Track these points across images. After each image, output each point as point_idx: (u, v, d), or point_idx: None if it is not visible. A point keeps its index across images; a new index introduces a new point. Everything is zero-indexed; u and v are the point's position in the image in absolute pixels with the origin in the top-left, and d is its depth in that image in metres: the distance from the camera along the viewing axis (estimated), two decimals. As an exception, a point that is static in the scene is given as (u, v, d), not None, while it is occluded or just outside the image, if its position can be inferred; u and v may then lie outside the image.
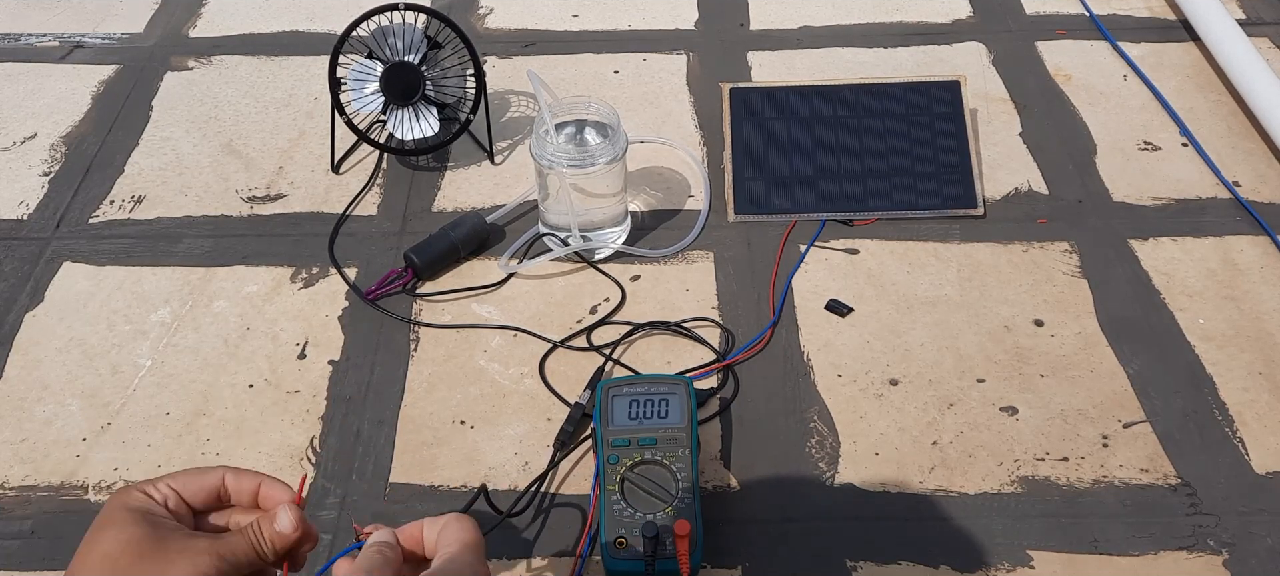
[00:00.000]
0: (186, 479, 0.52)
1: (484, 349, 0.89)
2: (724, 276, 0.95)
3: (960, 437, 0.81)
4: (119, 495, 0.50)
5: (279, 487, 0.53)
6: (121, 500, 0.50)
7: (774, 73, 1.21)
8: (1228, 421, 0.82)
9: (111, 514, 0.49)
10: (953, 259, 0.96)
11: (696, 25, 1.31)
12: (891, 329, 0.90)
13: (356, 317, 0.92)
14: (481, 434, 0.82)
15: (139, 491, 0.51)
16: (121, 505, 0.49)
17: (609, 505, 0.71)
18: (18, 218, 1.03)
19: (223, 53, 1.27)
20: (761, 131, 1.05)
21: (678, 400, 0.76)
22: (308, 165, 1.09)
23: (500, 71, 1.23)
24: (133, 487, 0.51)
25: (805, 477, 0.78)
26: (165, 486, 0.51)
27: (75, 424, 0.83)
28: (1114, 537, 0.74)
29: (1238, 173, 1.06)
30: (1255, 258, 0.96)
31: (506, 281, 0.95)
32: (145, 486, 0.51)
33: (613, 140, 0.91)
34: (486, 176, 1.07)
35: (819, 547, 0.74)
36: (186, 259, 0.98)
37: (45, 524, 0.76)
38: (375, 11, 1.01)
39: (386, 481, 0.79)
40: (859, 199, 1.01)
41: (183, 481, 0.52)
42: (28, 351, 0.89)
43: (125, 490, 0.51)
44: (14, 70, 1.24)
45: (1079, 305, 0.92)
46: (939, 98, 1.06)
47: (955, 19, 1.31)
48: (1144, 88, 1.18)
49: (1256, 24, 1.29)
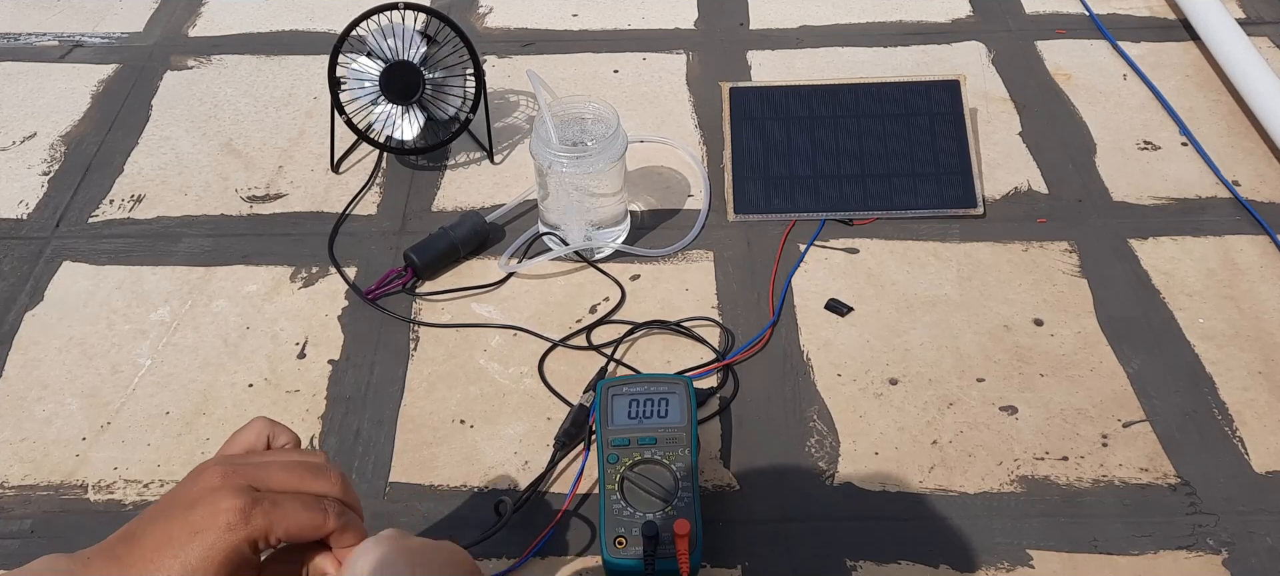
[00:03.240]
0: (301, 521, 0.50)
1: (484, 348, 0.89)
2: (724, 276, 0.95)
3: (960, 437, 0.81)
4: (222, 510, 0.48)
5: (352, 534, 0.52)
6: (224, 519, 0.48)
7: (774, 72, 1.21)
8: (1228, 421, 0.82)
9: (203, 525, 0.47)
10: (952, 258, 0.96)
11: (696, 25, 1.31)
12: (891, 328, 0.90)
13: (356, 317, 0.92)
14: (481, 433, 0.82)
15: (246, 532, 0.48)
16: (221, 528, 0.47)
17: (609, 505, 0.71)
18: (17, 217, 1.03)
19: (222, 52, 1.27)
20: (761, 131, 1.05)
21: (678, 400, 0.76)
22: (307, 165, 1.09)
23: (500, 71, 1.23)
24: (238, 506, 0.48)
25: (805, 477, 0.78)
26: (282, 530, 0.49)
27: (75, 423, 0.83)
28: (1114, 537, 0.74)
29: (1238, 172, 1.06)
30: (1255, 257, 0.96)
31: (506, 281, 0.95)
32: (263, 523, 0.48)
33: (612, 140, 0.91)
34: (486, 176, 1.07)
35: (819, 547, 0.74)
36: (186, 258, 0.98)
37: (45, 523, 0.76)
38: (375, 11, 1.01)
39: (386, 481, 0.79)
40: (859, 198, 1.01)
41: (297, 523, 0.50)
42: (27, 351, 0.89)
43: (231, 502, 0.48)
44: (14, 70, 1.24)
45: (1079, 305, 0.92)
46: (939, 97, 1.06)
47: (955, 18, 1.31)
48: (1144, 87, 1.18)
49: (1256, 24, 1.29)
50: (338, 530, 0.51)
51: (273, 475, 0.51)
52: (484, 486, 0.78)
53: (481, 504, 0.77)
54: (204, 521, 0.47)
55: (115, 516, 0.76)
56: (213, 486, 0.49)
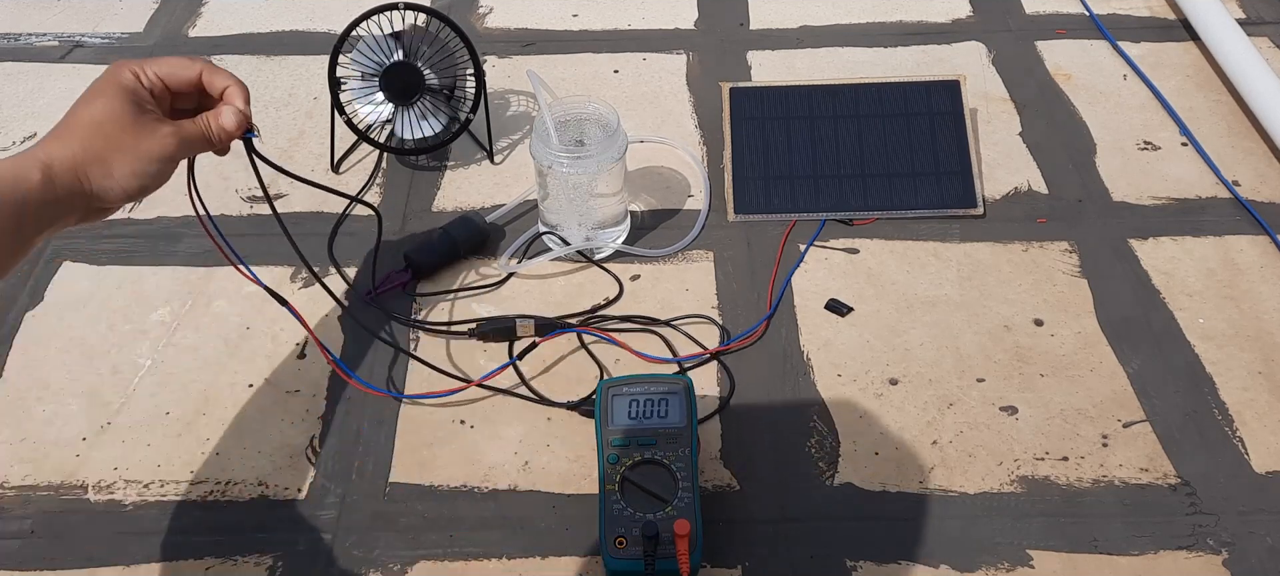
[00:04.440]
0: (172, 66, 0.64)
1: (484, 348, 0.89)
2: (724, 276, 0.95)
3: (960, 437, 0.81)
4: (113, 70, 0.62)
5: (239, 92, 0.66)
6: (115, 75, 0.61)
7: (774, 72, 1.21)
8: (1228, 421, 0.82)
9: (104, 86, 0.61)
10: (952, 258, 0.96)
11: (696, 25, 1.31)
12: (891, 328, 0.90)
13: (356, 317, 0.92)
14: (481, 433, 0.82)
15: (130, 71, 0.62)
16: (114, 80, 0.61)
17: (609, 505, 0.71)
18: (18, 217, 1.03)
19: (222, 52, 1.27)
20: (761, 131, 1.05)
21: (678, 400, 0.76)
22: (308, 165, 1.09)
23: (500, 71, 1.23)
24: (125, 66, 0.62)
25: (805, 477, 0.78)
26: (153, 73, 0.63)
27: (75, 423, 0.83)
28: (1114, 537, 0.74)
29: (1238, 172, 1.06)
30: (1255, 257, 0.96)
31: (506, 281, 0.95)
32: (136, 68, 0.62)
33: (612, 140, 0.91)
34: (486, 176, 1.07)
35: (819, 547, 0.74)
36: (186, 258, 0.98)
37: (45, 523, 0.76)
38: (375, 11, 1.01)
39: (386, 481, 0.79)
40: (859, 198, 1.01)
41: (168, 69, 0.64)
42: (28, 351, 0.89)
43: (119, 67, 0.62)
44: (14, 70, 1.24)
45: (1079, 305, 0.92)
46: (939, 97, 1.06)
47: (955, 19, 1.31)
48: (1144, 87, 1.18)
49: (1256, 24, 1.29)
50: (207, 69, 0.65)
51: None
52: (484, 486, 0.78)
53: (482, 504, 0.77)
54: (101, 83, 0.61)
55: (115, 516, 0.77)
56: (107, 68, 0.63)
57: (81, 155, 0.58)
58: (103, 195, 0.59)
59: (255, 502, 0.77)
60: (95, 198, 0.59)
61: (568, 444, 0.81)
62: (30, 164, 0.57)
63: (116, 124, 0.60)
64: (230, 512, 0.77)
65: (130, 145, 0.60)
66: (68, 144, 0.58)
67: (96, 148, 0.59)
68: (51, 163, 0.57)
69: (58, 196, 0.57)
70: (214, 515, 0.77)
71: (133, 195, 0.61)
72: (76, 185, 0.58)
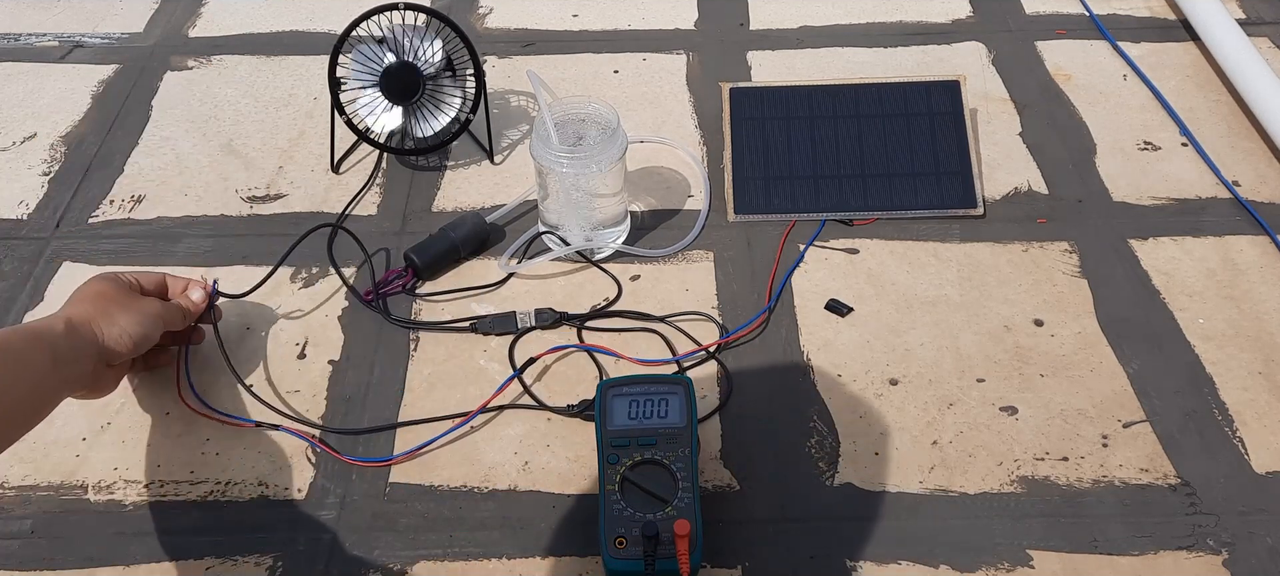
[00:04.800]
0: (141, 274, 0.82)
1: (484, 349, 0.89)
2: (724, 276, 0.95)
3: (960, 437, 0.81)
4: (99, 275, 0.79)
5: (197, 283, 0.85)
6: (102, 275, 0.79)
7: (774, 72, 1.21)
8: (1228, 421, 0.82)
9: (96, 279, 0.78)
10: (952, 259, 0.96)
11: (696, 25, 1.31)
12: (891, 328, 0.90)
13: (356, 318, 0.92)
14: (481, 433, 0.82)
15: (113, 272, 0.80)
16: (103, 275, 0.79)
17: (609, 505, 0.71)
18: (17, 217, 1.03)
19: (222, 52, 1.27)
20: (761, 131, 1.05)
21: (678, 400, 0.76)
22: (307, 165, 1.09)
23: (500, 71, 1.23)
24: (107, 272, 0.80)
25: (805, 477, 0.78)
26: (130, 275, 0.80)
27: (75, 424, 0.83)
28: (1114, 537, 0.74)
29: (1238, 172, 1.06)
30: (1255, 257, 0.96)
31: (506, 281, 0.95)
32: (116, 271, 0.81)
33: (612, 140, 0.91)
34: (486, 176, 1.07)
35: (819, 547, 0.74)
36: (186, 259, 0.98)
37: (45, 524, 0.76)
38: (375, 11, 1.01)
39: (386, 481, 0.79)
40: (859, 199, 1.01)
41: (142, 276, 0.82)
42: (27, 351, 0.89)
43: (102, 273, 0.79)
44: (14, 70, 1.24)
45: (1079, 305, 0.92)
46: (939, 97, 1.06)
47: (955, 19, 1.31)
48: (1144, 87, 1.18)
49: (1256, 24, 1.29)
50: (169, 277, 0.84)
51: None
52: (484, 486, 0.78)
53: (481, 504, 0.77)
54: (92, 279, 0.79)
55: (115, 516, 0.77)
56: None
57: (92, 313, 0.74)
58: (111, 344, 0.74)
59: (255, 502, 0.77)
60: (105, 348, 0.73)
61: (567, 444, 0.81)
62: (53, 319, 0.72)
63: (114, 296, 0.77)
64: (230, 512, 0.77)
65: (129, 305, 0.77)
66: (80, 307, 0.75)
67: (103, 308, 0.75)
68: (71, 317, 0.73)
69: (76, 343, 0.71)
70: (214, 515, 0.77)
71: (136, 342, 0.75)
72: (91, 334, 0.73)
